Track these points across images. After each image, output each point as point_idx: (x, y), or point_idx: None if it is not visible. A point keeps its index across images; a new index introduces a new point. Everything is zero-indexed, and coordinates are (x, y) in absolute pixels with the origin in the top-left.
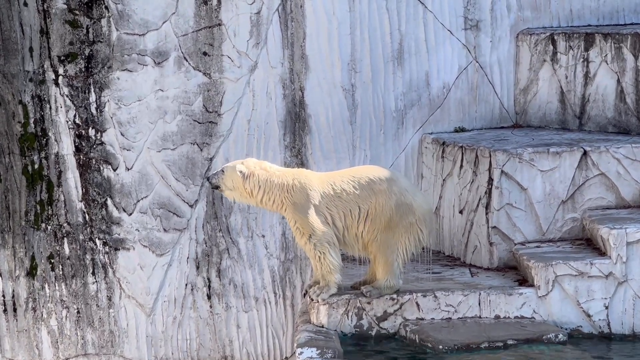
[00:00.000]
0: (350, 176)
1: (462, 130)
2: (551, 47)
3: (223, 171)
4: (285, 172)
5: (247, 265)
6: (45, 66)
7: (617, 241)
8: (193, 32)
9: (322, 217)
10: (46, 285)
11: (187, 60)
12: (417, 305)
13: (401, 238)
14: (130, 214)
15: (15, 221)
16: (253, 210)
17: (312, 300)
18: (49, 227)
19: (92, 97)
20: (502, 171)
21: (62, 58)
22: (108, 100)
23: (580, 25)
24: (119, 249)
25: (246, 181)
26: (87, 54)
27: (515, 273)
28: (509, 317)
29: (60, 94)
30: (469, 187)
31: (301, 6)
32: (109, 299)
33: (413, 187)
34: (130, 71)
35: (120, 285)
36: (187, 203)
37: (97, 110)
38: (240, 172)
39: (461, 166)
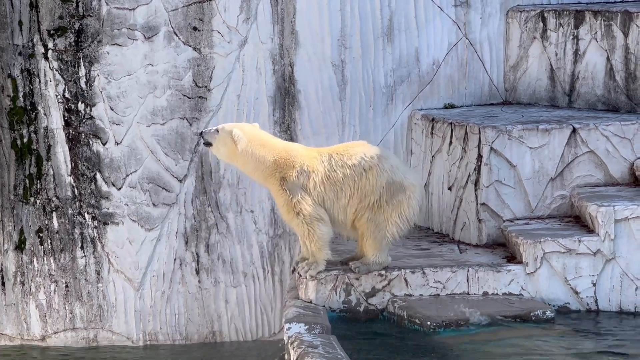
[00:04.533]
0: (340, 154)
1: (452, 106)
2: (541, 24)
3: (218, 131)
4: (279, 144)
5: (235, 240)
6: (34, 40)
7: (605, 218)
8: (183, 6)
9: (311, 195)
10: (35, 259)
11: (177, 35)
12: (406, 281)
13: (390, 216)
14: (120, 189)
15: (4, 195)
16: (242, 185)
17: (300, 276)
18: (38, 201)
19: (82, 71)
20: (491, 148)
21: (52, 32)
22: (98, 75)
23: (570, 2)
24: (108, 224)
25: (240, 149)
26: (76, 28)
27: (503, 250)
28: (497, 294)
29: (49, 67)
30: (458, 164)
31: None
32: (98, 273)
33: (403, 164)
34: (120, 45)
35: (109, 260)
36: (176, 178)
37: (86, 85)
38: (237, 138)
39: (450, 142)
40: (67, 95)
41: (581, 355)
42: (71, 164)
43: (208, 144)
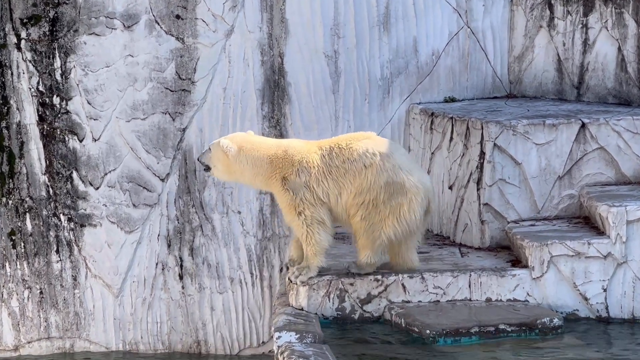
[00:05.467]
0: (342, 147)
1: (452, 100)
2: (548, 11)
3: (210, 149)
4: (275, 144)
5: (221, 243)
6: (6, 29)
7: (616, 219)
8: None
9: (312, 193)
10: (7, 264)
11: (158, 24)
12: (403, 287)
13: (387, 217)
14: (97, 188)
15: None
16: (228, 184)
17: (291, 281)
18: (10, 202)
19: (57, 63)
20: (494, 144)
21: (25, 21)
22: (74, 66)
23: None
24: (85, 226)
25: (233, 158)
26: (51, 17)
27: (508, 253)
28: (501, 300)
29: (22, 59)
30: (460, 161)
31: None
32: (74, 278)
33: (410, 162)
34: (98, 35)
35: (86, 264)
36: (158, 176)
37: (62, 77)
38: (226, 147)
39: (451, 139)
40: (41, 88)
41: None
42: (46, 161)
43: (207, 168)
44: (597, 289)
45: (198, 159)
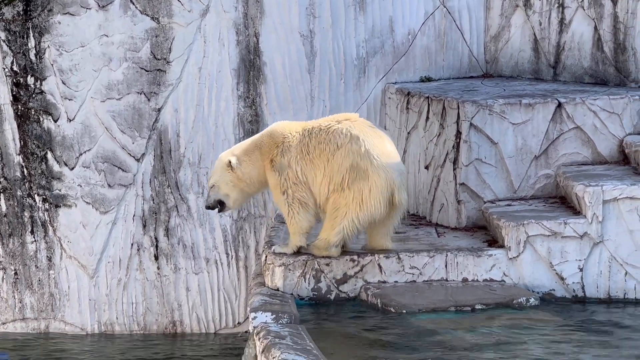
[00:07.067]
0: (322, 128)
1: (429, 79)
2: None
3: (212, 187)
4: (260, 133)
5: (197, 223)
6: None
7: (592, 199)
8: None
9: (294, 172)
10: None
11: (133, 4)
12: (379, 267)
13: (350, 203)
14: (72, 169)
15: None
16: (204, 164)
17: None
18: None
19: (31, 43)
20: (471, 124)
21: None
22: (48, 46)
23: None
24: (60, 206)
25: (238, 168)
26: None
27: (484, 233)
28: (477, 280)
29: None
30: (436, 141)
31: None
32: (49, 259)
33: (382, 148)
34: (73, 15)
35: (61, 245)
36: (133, 157)
37: (36, 57)
38: (233, 162)
39: (427, 118)
40: (15, 68)
41: (565, 347)
42: (20, 142)
43: (220, 207)
44: (574, 269)
45: (207, 207)
